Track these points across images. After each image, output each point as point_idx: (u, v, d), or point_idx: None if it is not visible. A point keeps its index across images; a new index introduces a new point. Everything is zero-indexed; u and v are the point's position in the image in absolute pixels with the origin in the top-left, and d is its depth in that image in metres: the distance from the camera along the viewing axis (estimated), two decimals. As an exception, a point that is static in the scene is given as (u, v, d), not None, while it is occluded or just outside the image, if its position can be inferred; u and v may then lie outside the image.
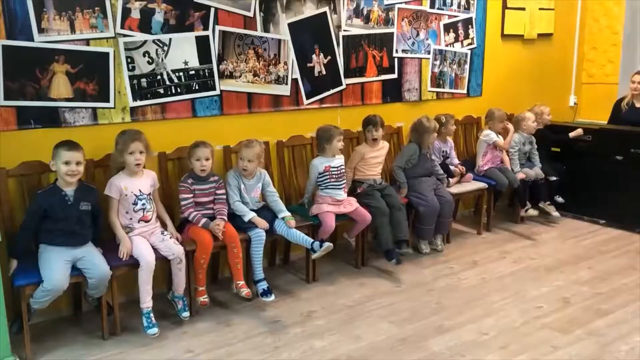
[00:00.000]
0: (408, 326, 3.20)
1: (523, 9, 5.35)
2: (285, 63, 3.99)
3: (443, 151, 4.62)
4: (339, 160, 3.88)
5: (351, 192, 4.04)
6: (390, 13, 4.47)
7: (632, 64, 5.72)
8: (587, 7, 5.93)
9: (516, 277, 3.87)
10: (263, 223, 3.45)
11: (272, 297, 3.38)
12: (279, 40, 3.94)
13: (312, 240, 3.53)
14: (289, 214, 3.59)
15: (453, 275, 3.92)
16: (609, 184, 4.88)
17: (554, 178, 4.98)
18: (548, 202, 4.97)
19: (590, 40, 5.98)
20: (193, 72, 3.63)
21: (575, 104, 6.04)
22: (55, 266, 2.82)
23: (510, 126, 4.87)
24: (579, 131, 5.04)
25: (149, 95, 3.49)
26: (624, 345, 2.96)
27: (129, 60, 3.39)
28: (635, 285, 3.70)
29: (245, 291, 3.34)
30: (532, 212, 4.88)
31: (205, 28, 3.62)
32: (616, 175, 4.83)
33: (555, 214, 4.99)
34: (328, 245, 3.46)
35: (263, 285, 3.41)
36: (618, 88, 5.70)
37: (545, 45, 5.65)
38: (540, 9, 5.49)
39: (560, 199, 5.04)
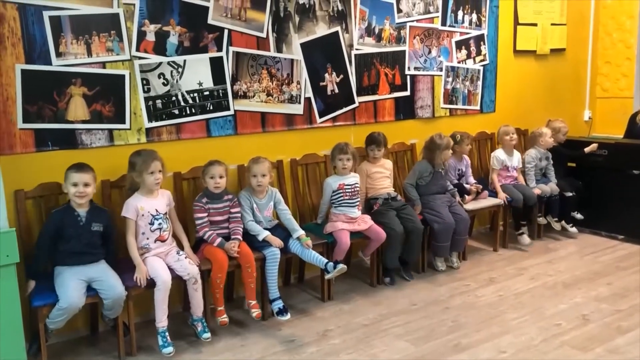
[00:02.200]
0: (425, 345, 3.17)
1: (535, 24, 5.36)
2: (298, 82, 4.03)
3: (459, 169, 4.60)
4: (353, 179, 3.88)
5: (368, 211, 4.04)
6: (401, 31, 4.50)
7: (647, 78, 5.70)
8: (600, 21, 5.92)
9: (533, 294, 3.83)
10: (277, 242, 3.46)
11: (288, 316, 3.37)
12: (292, 60, 3.98)
13: (326, 260, 3.52)
14: (303, 232, 3.60)
15: (469, 293, 3.88)
16: (626, 199, 4.82)
17: (570, 194, 4.94)
18: (557, 220, 4.93)
19: (604, 54, 5.96)
20: (207, 92, 3.67)
21: (589, 118, 6.01)
22: (70, 284, 2.85)
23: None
24: (594, 146, 5.00)
25: (164, 116, 3.53)
26: (646, 364, 2.91)
27: (144, 82, 3.44)
28: (656, 302, 3.64)
29: (256, 312, 3.33)
30: (526, 239, 4.75)
31: (219, 49, 3.67)
32: (633, 190, 4.78)
33: (572, 230, 4.93)
34: (342, 267, 3.45)
35: (279, 304, 3.40)
36: (633, 102, 5.66)
37: (558, 61, 5.64)
38: (552, 24, 5.50)
39: (579, 216, 4.99)
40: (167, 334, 3.09)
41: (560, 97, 5.70)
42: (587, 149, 5.01)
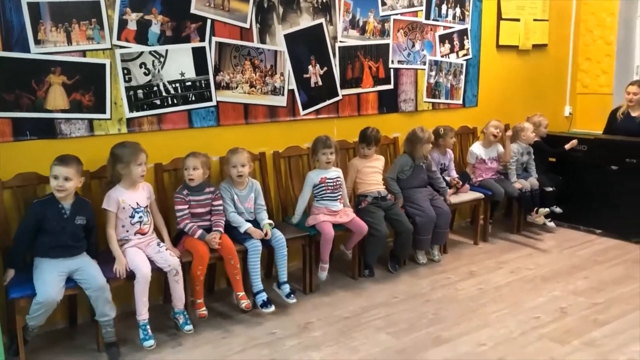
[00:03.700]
0: (405, 337, 3.18)
1: (518, 20, 5.39)
2: (282, 74, 4.00)
3: (442, 163, 4.62)
4: (335, 172, 3.87)
5: (356, 207, 4.04)
6: (385, 24, 4.50)
7: (626, 75, 5.77)
8: (581, 18, 5.97)
9: (513, 288, 3.87)
10: (259, 233, 3.45)
11: (272, 308, 3.37)
12: (275, 52, 3.95)
13: (285, 280, 3.53)
14: (269, 221, 3.57)
15: (450, 286, 3.91)
16: (605, 194, 4.89)
17: (550, 189, 5.00)
18: (541, 208, 4.97)
19: (585, 51, 6.02)
20: (189, 83, 3.63)
21: (570, 114, 6.08)
22: (48, 278, 2.80)
23: (507, 139, 4.87)
24: (574, 142, 5.05)
25: (145, 107, 3.49)
26: (622, 356, 2.95)
27: (125, 71, 3.39)
28: (632, 295, 3.70)
29: (245, 303, 3.32)
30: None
31: (202, 39, 3.63)
32: (612, 185, 4.85)
33: (551, 224, 4.99)
34: (291, 300, 3.49)
35: (263, 297, 3.40)
36: (612, 98, 5.73)
37: (540, 56, 5.68)
38: (534, 20, 5.53)
39: (558, 210, 5.04)
40: (148, 326, 3.06)
41: (542, 93, 5.75)
42: (567, 146, 5.06)
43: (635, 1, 5.80)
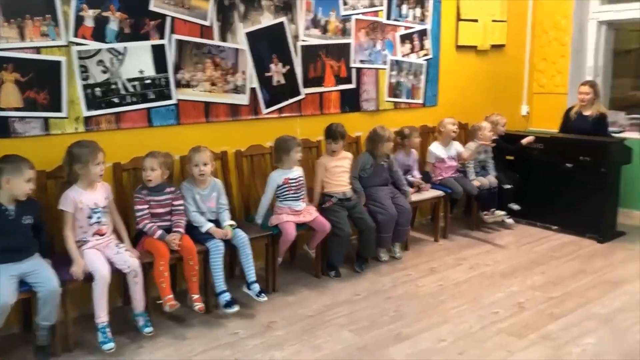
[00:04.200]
0: (367, 334, 3.21)
1: (476, 20, 5.49)
2: (243, 72, 3.98)
3: (406, 164, 4.67)
4: (297, 172, 3.87)
5: (320, 206, 4.04)
6: (347, 24, 4.52)
7: (579, 75, 5.95)
8: (537, 20, 6.13)
9: (472, 284, 3.95)
10: (220, 233, 3.42)
11: (236, 308, 3.35)
12: (237, 50, 3.92)
13: (255, 279, 3.50)
14: (231, 222, 3.54)
15: (411, 283, 3.96)
16: (560, 191, 5.03)
17: (508, 186, 5.11)
18: (498, 210, 5.08)
19: (541, 51, 6.18)
20: (149, 81, 3.57)
21: (527, 113, 6.23)
22: (-1, 282, 2.71)
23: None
24: (530, 138, 5.18)
25: (103, 105, 3.42)
26: (576, 348, 3.05)
27: (82, 69, 3.31)
28: (586, 289, 3.82)
29: (198, 305, 3.29)
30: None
31: (161, 37, 3.58)
32: (567, 182, 4.99)
33: (509, 221, 5.11)
34: (262, 299, 3.45)
35: (226, 297, 3.37)
36: (567, 98, 5.90)
37: (498, 56, 5.80)
38: (493, 20, 5.65)
39: (516, 207, 5.16)
40: (107, 329, 3.00)
41: (500, 92, 5.88)
42: (523, 141, 5.19)
43: (588, 4, 5.98)
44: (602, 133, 5.10)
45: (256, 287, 3.50)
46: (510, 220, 5.11)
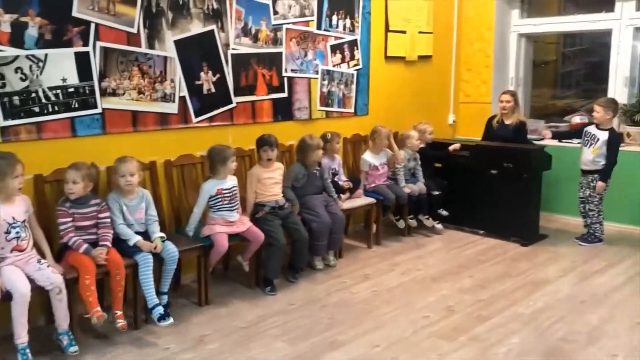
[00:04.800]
0: (302, 344, 3.20)
1: (404, 32, 5.64)
2: (172, 80, 3.90)
3: (332, 168, 4.72)
4: (231, 182, 3.82)
5: (253, 216, 4.01)
6: (278, 33, 4.53)
7: (502, 85, 6.23)
8: (462, 31, 6.36)
9: (405, 288, 4.02)
10: (148, 246, 3.32)
11: (171, 320, 3.27)
12: (165, 58, 3.85)
13: (166, 291, 3.44)
14: (161, 235, 3.46)
15: (345, 290, 3.99)
16: (486, 197, 5.22)
17: (437, 192, 5.26)
18: (427, 217, 5.23)
19: (466, 62, 6.42)
20: (72, 89, 3.44)
21: (454, 121, 6.44)
22: None
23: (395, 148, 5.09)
24: (457, 145, 5.35)
25: (22, 114, 3.25)
26: (502, 348, 3.16)
27: (-2, 76, 3.15)
28: (511, 291, 3.97)
29: (121, 323, 3.17)
30: (401, 223, 5.16)
31: (85, 44, 3.46)
32: (492, 188, 5.17)
33: (439, 226, 5.26)
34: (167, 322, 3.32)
35: (159, 310, 3.27)
36: (491, 107, 6.15)
37: (425, 67, 5.98)
38: (420, 32, 5.81)
39: (444, 212, 5.31)
40: (27, 350, 2.85)
41: (428, 102, 6.05)
42: (450, 148, 5.35)
43: (509, 17, 6.28)
44: (522, 140, 5.34)
45: (165, 298, 3.42)
46: (439, 226, 5.27)
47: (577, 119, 5.75)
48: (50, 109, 3.36)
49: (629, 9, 5.53)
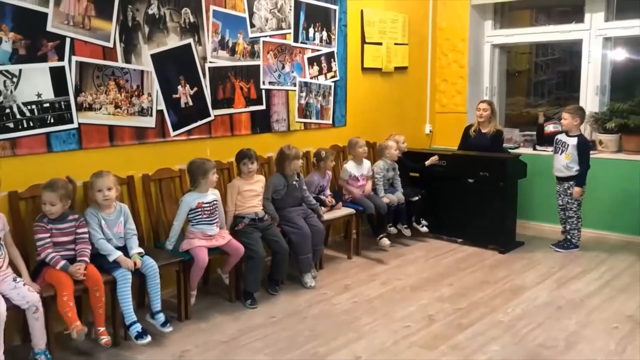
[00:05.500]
0: (284, 357, 3.19)
1: (380, 44, 5.70)
2: (150, 94, 3.89)
3: (320, 185, 4.73)
4: (212, 196, 3.80)
5: (232, 229, 3.99)
6: (255, 46, 4.55)
7: (477, 95, 6.33)
8: (437, 43, 6.46)
9: (385, 299, 4.04)
10: (129, 263, 3.28)
11: (149, 339, 3.22)
12: (142, 71, 3.83)
13: (160, 309, 3.40)
14: (139, 251, 3.42)
15: (326, 301, 4.00)
16: (463, 205, 5.28)
17: (416, 198, 5.30)
18: (406, 227, 5.26)
19: (441, 73, 6.51)
20: (47, 104, 3.40)
21: (430, 131, 6.52)
22: None
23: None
24: (434, 158, 5.40)
25: (-4, 130, 3.22)
26: (482, 356, 3.19)
27: (-29, 92, 3.11)
28: (490, 299, 4.02)
29: (105, 339, 3.13)
30: (385, 242, 5.01)
31: (61, 59, 3.43)
32: (469, 197, 5.24)
33: (423, 229, 5.34)
34: (167, 329, 3.36)
35: (137, 328, 3.23)
36: (467, 117, 6.24)
37: (401, 78, 6.05)
38: (395, 44, 5.88)
39: (424, 229, 5.35)
40: (3, 371, 2.80)
41: (405, 112, 6.12)
42: (427, 162, 5.41)
43: (482, 28, 6.39)
44: (498, 149, 5.43)
45: (161, 316, 3.39)
46: (424, 229, 5.34)
47: (550, 127, 5.86)
48: (25, 125, 3.32)
49: (598, 19, 5.67)
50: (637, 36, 5.57)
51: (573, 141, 4.90)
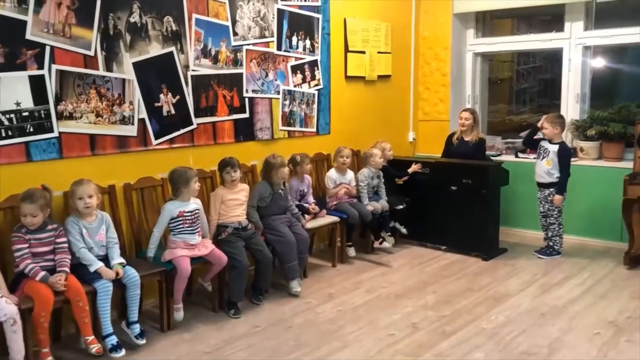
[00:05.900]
0: (268, 367, 3.17)
1: (363, 52, 5.72)
2: (131, 103, 3.86)
3: (300, 190, 4.72)
4: (194, 205, 3.78)
5: (216, 238, 3.97)
6: (238, 54, 4.54)
7: (460, 103, 6.38)
8: (420, 51, 6.50)
9: (369, 307, 4.03)
10: (109, 274, 3.24)
11: (122, 353, 3.19)
12: (124, 80, 3.80)
13: (136, 319, 3.37)
14: (120, 261, 3.38)
15: (311, 310, 3.98)
16: (447, 212, 5.30)
17: (401, 206, 5.31)
18: (390, 234, 5.24)
19: (424, 81, 6.54)
20: (27, 113, 3.36)
21: (414, 139, 6.55)
22: None
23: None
24: (418, 166, 5.42)
25: (-27, 140, 3.17)
26: (467, 363, 3.20)
27: (-52, 101, 3.06)
28: (473, 306, 4.02)
29: (95, 347, 3.11)
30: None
31: (40, 67, 3.39)
32: (452, 204, 5.26)
33: (404, 230, 5.35)
34: (141, 342, 3.35)
35: (112, 340, 3.20)
36: (449, 124, 6.28)
37: (385, 86, 6.07)
38: (378, 52, 5.91)
39: (404, 230, 5.36)
40: (-20, 385, 2.74)
41: (388, 120, 6.14)
42: (410, 170, 5.42)
43: (464, 37, 6.45)
44: (481, 157, 5.47)
45: (137, 328, 3.37)
46: (404, 230, 5.36)
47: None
48: (4, 134, 3.28)
49: (578, 28, 5.75)
50: (615, 45, 5.67)
51: (554, 148, 4.95)
